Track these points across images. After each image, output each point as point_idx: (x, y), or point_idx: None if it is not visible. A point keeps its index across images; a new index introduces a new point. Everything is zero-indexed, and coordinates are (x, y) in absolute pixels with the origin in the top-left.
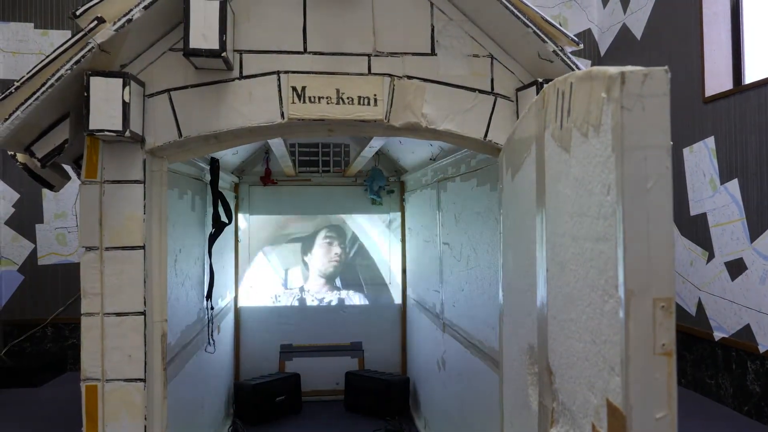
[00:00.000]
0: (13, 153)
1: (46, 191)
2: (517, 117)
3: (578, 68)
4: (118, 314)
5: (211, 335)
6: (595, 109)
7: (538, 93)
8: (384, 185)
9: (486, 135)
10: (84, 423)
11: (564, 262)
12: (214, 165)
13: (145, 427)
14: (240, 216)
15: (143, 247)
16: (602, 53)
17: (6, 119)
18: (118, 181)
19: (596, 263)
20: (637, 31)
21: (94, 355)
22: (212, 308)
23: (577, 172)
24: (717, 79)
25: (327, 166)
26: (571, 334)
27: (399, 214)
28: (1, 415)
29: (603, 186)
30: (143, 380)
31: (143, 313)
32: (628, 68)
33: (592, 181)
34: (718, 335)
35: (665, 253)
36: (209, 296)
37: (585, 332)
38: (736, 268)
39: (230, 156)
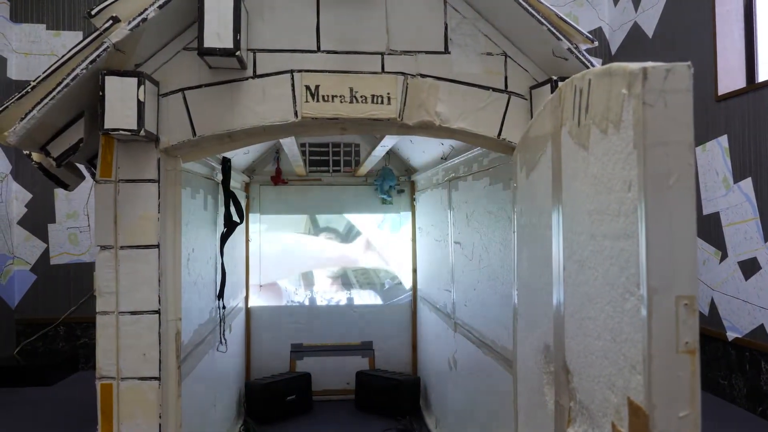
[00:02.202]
0: (28, 152)
1: (58, 191)
2: (531, 115)
3: (593, 66)
4: (133, 313)
5: (223, 334)
6: (615, 105)
7: (552, 91)
8: (394, 185)
9: (500, 133)
10: (99, 421)
11: (582, 260)
12: (226, 164)
13: (160, 425)
14: (251, 216)
15: (158, 246)
16: (613, 52)
17: (22, 118)
18: (133, 180)
19: (616, 261)
20: (649, 30)
21: (109, 353)
22: (224, 307)
23: (595, 170)
24: (730, 77)
25: (337, 166)
26: (590, 333)
27: (409, 213)
28: (14, 413)
29: (624, 183)
30: (158, 378)
31: (158, 312)
32: (650, 64)
33: (612, 178)
34: (731, 335)
35: (688, 251)
36: (221, 295)
37: (604, 330)
38: (749, 267)
39: (241, 155)
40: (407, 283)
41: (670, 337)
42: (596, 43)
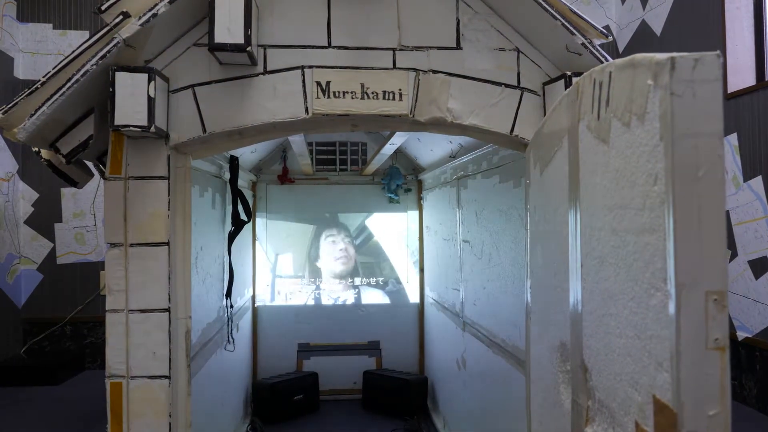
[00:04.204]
0: (37, 149)
1: (64, 191)
2: (544, 111)
3: (607, 61)
4: (143, 311)
5: (231, 333)
6: (639, 97)
7: (566, 87)
8: (401, 183)
9: (512, 130)
10: (109, 420)
11: (602, 257)
12: (234, 163)
13: (170, 424)
14: (257, 214)
15: (168, 244)
16: (620, 50)
17: (32, 114)
18: (143, 177)
19: (641, 256)
20: (657, 27)
21: (119, 351)
22: (231, 306)
23: (617, 163)
24: (740, 75)
25: (344, 165)
26: (611, 330)
27: (417, 212)
28: (22, 412)
29: (648, 176)
30: (168, 377)
31: (167, 310)
32: (677, 54)
33: (636, 172)
34: (741, 335)
35: (717, 244)
36: (229, 294)
37: (627, 327)
38: (760, 266)
39: (248, 154)
40: (413, 288)
41: (699, 334)
42: (611, 38)
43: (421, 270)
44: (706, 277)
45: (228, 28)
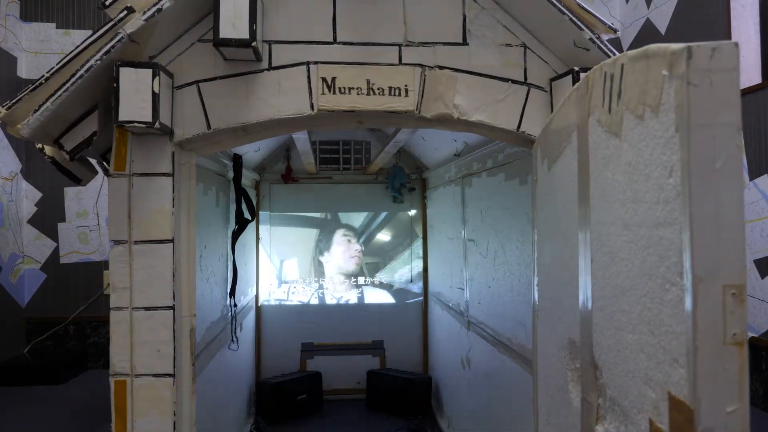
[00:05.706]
0: (41, 146)
1: (67, 190)
2: (552, 107)
3: (615, 56)
4: (147, 308)
5: (235, 333)
6: (653, 88)
7: (574, 82)
8: (405, 183)
9: (519, 126)
10: (113, 418)
11: (614, 252)
12: (237, 161)
13: (174, 422)
14: (261, 214)
15: (172, 241)
16: (625, 49)
17: (36, 110)
18: (147, 174)
19: (655, 250)
20: (662, 26)
21: (123, 349)
22: (235, 305)
23: (629, 157)
24: (745, 73)
25: (348, 164)
26: (623, 327)
27: (421, 211)
28: (25, 412)
29: (663, 168)
30: (172, 375)
31: (172, 308)
32: (693, 43)
33: (650, 165)
34: (747, 334)
35: (736, 237)
36: (232, 293)
37: (640, 323)
38: (766, 265)
39: (252, 153)
40: (417, 287)
41: (716, 329)
42: (619, 33)
43: (425, 269)
44: (723, 271)
45: (233, 23)
